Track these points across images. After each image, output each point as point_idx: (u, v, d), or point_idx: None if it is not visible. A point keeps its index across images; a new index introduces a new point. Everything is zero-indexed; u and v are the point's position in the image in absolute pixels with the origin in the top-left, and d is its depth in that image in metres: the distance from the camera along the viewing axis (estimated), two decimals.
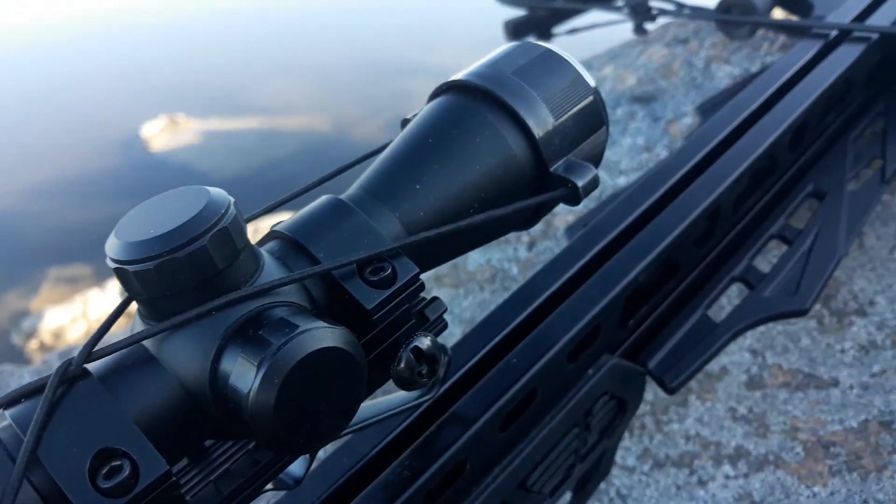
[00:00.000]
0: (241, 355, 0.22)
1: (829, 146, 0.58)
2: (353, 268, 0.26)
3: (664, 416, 0.59)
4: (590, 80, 0.33)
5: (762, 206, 0.51)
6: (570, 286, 0.40)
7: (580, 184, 0.31)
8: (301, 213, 0.27)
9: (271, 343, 0.22)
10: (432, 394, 0.34)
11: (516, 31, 0.85)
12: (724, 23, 0.67)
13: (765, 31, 0.77)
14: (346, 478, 0.33)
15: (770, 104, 0.53)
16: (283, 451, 0.25)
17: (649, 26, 0.76)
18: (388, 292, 0.26)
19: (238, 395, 0.22)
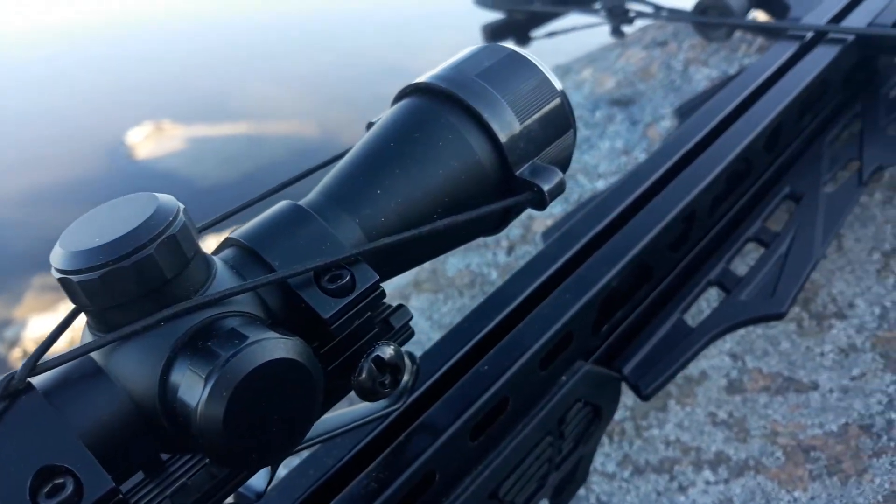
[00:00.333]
0: (189, 367, 0.21)
1: (806, 148, 0.58)
2: (310, 276, 0.25)
3: (644, 422, 0.58)
4: (556, 83, 0.32)
5: (738, 208, 0.50)
6: (543, 292, 0.40)
7: (546, 188, 0.30)
8: (257, 220, 0.27)
9: (220, 355, 0.21)
10: (401, 403, 0.33)
11: (494, 34, 0.85)
12: (701, 24, 0.67)
13: (742, 32, 0.77)
14: (312, 490, 0.32)
15: (745, 107, 0.52)
16: (235, 466, 0.24)
17: (627, 29, 0.76)
18: (346, 301, 0.25)
19: (186, 409, 0.21)
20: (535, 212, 0.77)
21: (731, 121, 0.51)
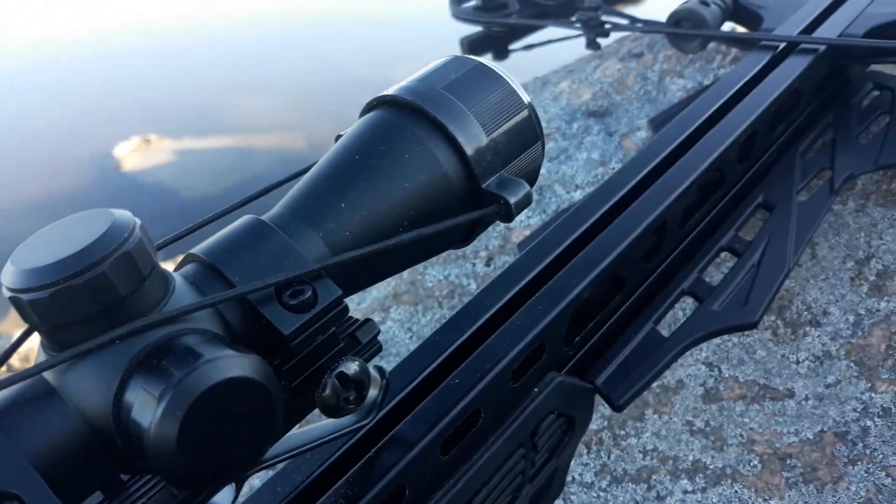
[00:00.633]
0: (143, 387, 0.21)
1: (779, 157, 0.58)
2: (272, 292, 0.25)
3: (621, 431, 0.58)
4: (523, 96, 0.32)
5: (711, 218, 0.51)
6: (515, 303, 0.40)
7: (512, 200, 0.30)
8: (218, 235, 0.26)
9: (174, 374, 0.21)
10: (370, 418, 0.33)
11: (472, 47, 0.85)
12: (675, 36, 0.68)
13: (717, 44, 0.77)
14: None
15: (718, 117, 0.53)
16: (191, 487, 0.23)
17: (604, 41, 0.76)
18: (307, 316, 0.25)
19: (140, 429, 0.21)
20: (513, 222, 0.77)
21: (704, 131, 0.51)
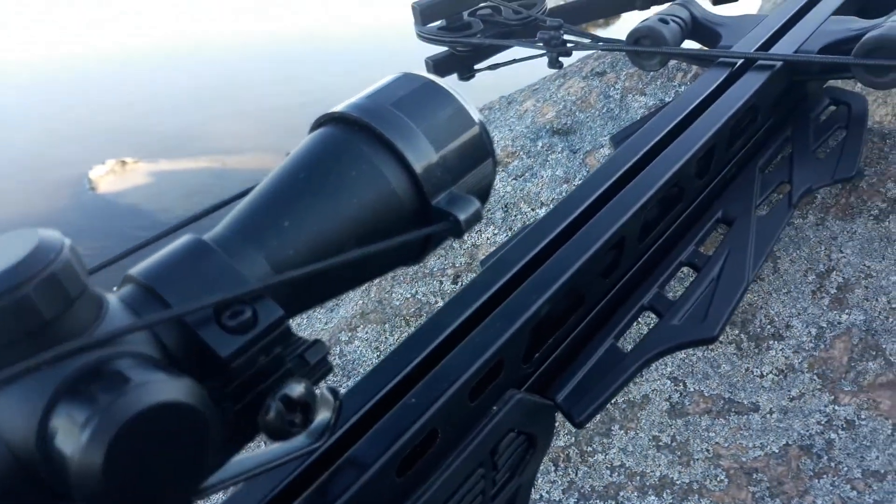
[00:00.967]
0: (68, 414, 0.20)
1: (738, 172, 0.59)
2: (210, 313, 0.24)
3: (588, 447, 0.58)
4: (474, 113, 0.32)
5: (671, 233, 0.51)
6: (474, 321, 0.39)
7: (462, 217, 0.30)
8: (156, 256, 0.26)
9: (100, 399, 0.20)
10: (322, 440, 0.32)
11: (438, 68, 0.85)
12: (636, 54, 0.68)
13: (678, 61, 0.78)
14: None
15: (677, 132, 0.53)
16: None
17: (567, 60, 0.77)
18: (246, 338, 0.24)
19: (63, 459, 0.20)
20: (480, 240, 0.77)
21: (663, 147, 0.51)
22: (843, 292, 0.60)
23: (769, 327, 0.60)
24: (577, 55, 0.81)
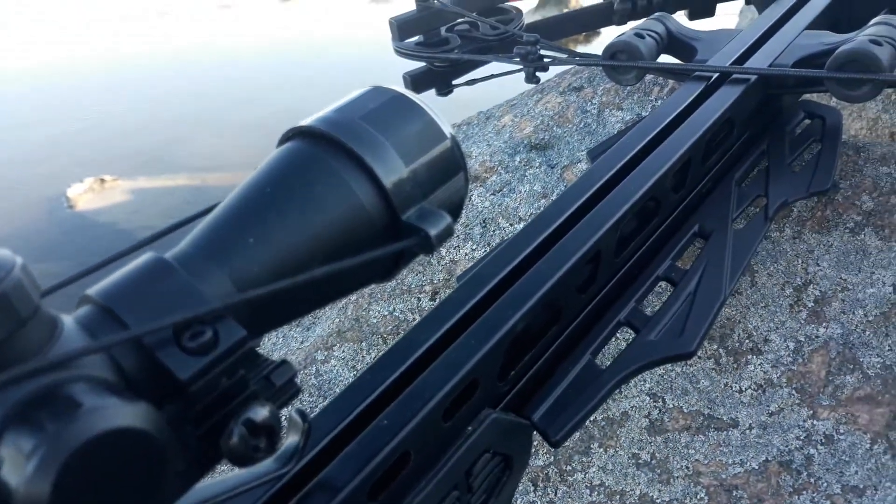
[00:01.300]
0: (14, 443, 0.19)
1: (715, 186, 0.59)
2: (170, 334, 0.23)
3: (568, 466, 0.57)
4: (444, 127, 0.32)
5: (648, 248, 0.50)
6: (448, 339, 0.39)
7: (433, 232, 0.29)
8: (115, 276, 0.25)
9: (47, 427, 0.19)
10: (291, 465, 0.31)
11: (416, 83, 0.85)
12: (612, 69, 0.68)
13: (654, 76, 0.79)
14: None
15: (652, 146, 0.53)
16: None
17: (545, 76, 0.77)
18: (207, 359, 0.23)
19: (9, 491, 0.19)
20: (458, 256, 0.76)
21: (639, 161, 0.51)
22: (821, 305, 0.60)
23: (748, 342, 0.59)
24: (554, 70, 0.81)
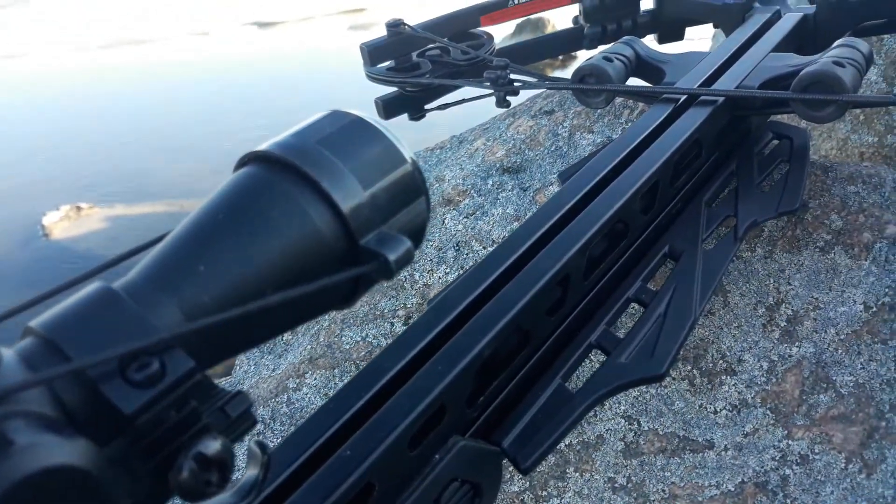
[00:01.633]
0: None
1: (684, 207, 0.59)
2: (115, 367, 0.23)
3: (543, 492, 0.56)
4: (405, 151, 0.31)
5: (617, 269, 0.50)
6: (414, 365, 0.38)
7: (392, 257, 0.29)
8: (59, 307, 0.24)
9: None
10: (250, 498, 0.30)
11: (387, 108, 0.85)
12: (581, 92, 0.69)
13: (624, 99, 0.79)
14: None
15: (621, 168, 0.53)
16: None
17: (516, 99, 0.77)
18: (153, 392, 0.22)
19: None
20: (432, 279, 0.75)
21: (607, 183, 0.51)
22: (793, 325, 0.60)
23: (721, 362, 0.59)
24: (525, 94, 0.81)
